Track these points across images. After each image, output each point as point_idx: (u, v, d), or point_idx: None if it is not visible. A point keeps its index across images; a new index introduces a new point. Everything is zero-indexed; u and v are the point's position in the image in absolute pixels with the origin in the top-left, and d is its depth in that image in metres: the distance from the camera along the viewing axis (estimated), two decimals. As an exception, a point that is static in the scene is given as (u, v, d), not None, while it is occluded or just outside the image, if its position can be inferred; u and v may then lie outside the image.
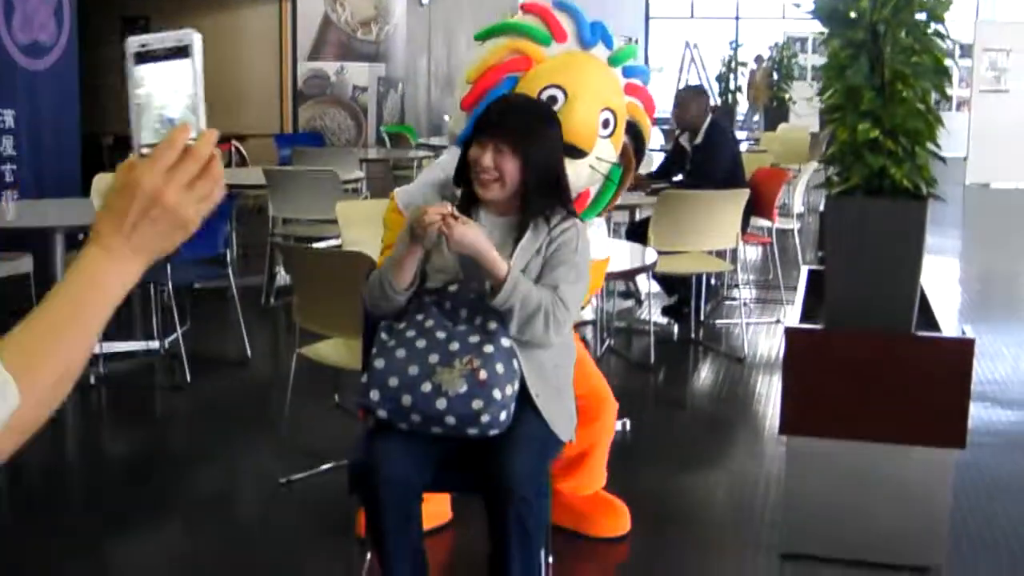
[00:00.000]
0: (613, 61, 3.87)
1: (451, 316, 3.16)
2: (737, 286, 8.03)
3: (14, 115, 8.54)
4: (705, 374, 6.78)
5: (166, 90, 1.25)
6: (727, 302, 8.19)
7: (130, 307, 7.34)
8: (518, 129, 3.22)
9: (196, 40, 1.24)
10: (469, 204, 3.30)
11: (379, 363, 3.10)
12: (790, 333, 3.87)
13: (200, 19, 13.60)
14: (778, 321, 7.67)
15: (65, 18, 9.05)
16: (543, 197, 3.26)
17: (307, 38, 13.93)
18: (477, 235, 3.09)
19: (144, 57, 1.25)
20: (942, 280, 10.04)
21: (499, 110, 3.32)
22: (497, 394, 3.03)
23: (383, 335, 3.16)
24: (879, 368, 3.79)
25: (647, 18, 32.72)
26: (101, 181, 7.49)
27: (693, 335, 7.28)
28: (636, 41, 30.37)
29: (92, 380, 6.05)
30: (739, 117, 23.71)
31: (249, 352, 6.56)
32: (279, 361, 6.70)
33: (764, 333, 7.50)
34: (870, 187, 3.88)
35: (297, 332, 4.76)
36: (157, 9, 13.40)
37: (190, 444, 5.35)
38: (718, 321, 7.83)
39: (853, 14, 3.90)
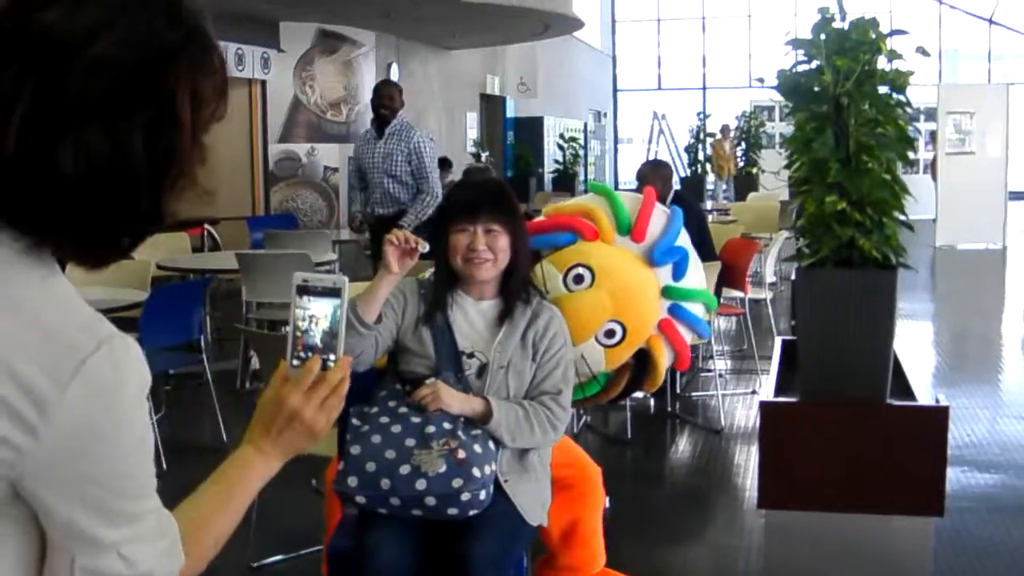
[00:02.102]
0: (667, 291, 3.78)
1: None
2: (712, 358, 8.04)
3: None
4: (683, 447, 6.77)
5: (312, 320, 1.57)
6: (703, 374, 8.20)
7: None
8: (503, 209, 3.26)
9: (346, 285, 1.58)
10: (446, 289, 3.31)
11: (355, 449, 3.09)
12: (765, 407, 3.87)
13: (170, 104, 13.68)
14: (754, 392, 7.68)
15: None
16: (524, 278, 3.30)
17: (277, 120, 14.03)
18: (450, 398, 3.13)
19: (304, 290, 1.58)
20: (915, 344, 10.09)
21: (475, 193, 3.34)
22: (476, 472, 3.03)
23: (355, 421, 3.16)
24: (854, 439, 3.79)
25: (615, 90, 33.07)
26: (75, 269, 7.43)
27: (670, 408, 7.27)
28: (605, 115, 30.67)
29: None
30: (708, 186, 23.89)
31: (225, 437, 6.51)
32: (255, 446, 6.63)
33: (740, 404, 7.50)
34: (839, 258, 3.90)
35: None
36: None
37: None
38: (694, 393, 7.84)
39: (816, 88, 3.95)
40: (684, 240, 3.83)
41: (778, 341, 4.80)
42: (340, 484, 3.08)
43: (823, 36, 3.92)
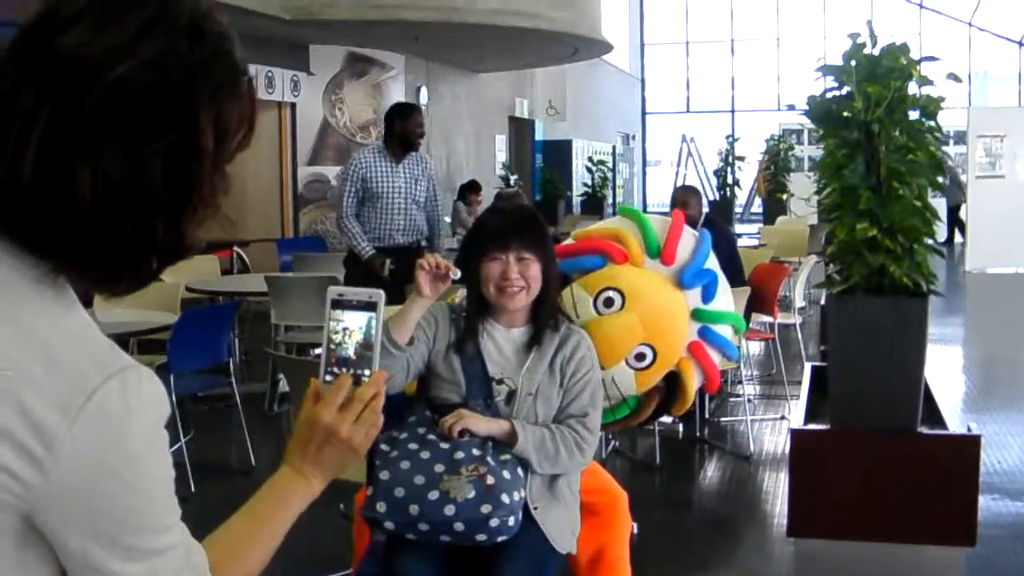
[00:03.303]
0: (697, 313, 3.75)
1: (455, 430, 3.17)
2: (740, 382, 8.01)
3: None
4: (711, 473, 6.74)
5: (347, 334, 1.56)
6: (732, 399, 8.16)
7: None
8: (536, 237, 3.26)
9: (382, 298, 1.57)
10: (477, 317, 3.31)
11: (384, 475, 3.09)
12: (795, 434, 3.85)
13: (201, 127, 13.77)
14: (783, 417, 7.64)
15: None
16: (553, 305, 3.30)
17: (307, 142, 14.09)
18: (476, 423, 3.13)
19: (339, 304, 1.57)
20: (946, 370, 10.02)
21: (507, 221, 3.34)
22: (505, 499, 3.02)
23: (384, 447, 3.16)
24: (885, 467, 3.77)
25: (643, 113, 33.09)
26: (104, 291, 7.50)
27: (699, 433, 7.24)
28: (634, 138, 30.68)
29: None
30: (737, 209, 23.87)
31: (253, 460, 6.52)
32: (283, 469, 6.64)
33: (769, 430, 7.46)
34: (870, 285, 3.89)
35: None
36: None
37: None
38: (723, 419, 7.80)
39: (847, 114, 3.94)
40: (713, 263, 3.82)
41: (807, 367, 4.78)
42: (369, 510, 3.08)
43: (854, 62, 3.91)
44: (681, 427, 7.41)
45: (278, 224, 13.83)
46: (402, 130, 7.54)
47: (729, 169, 22.14)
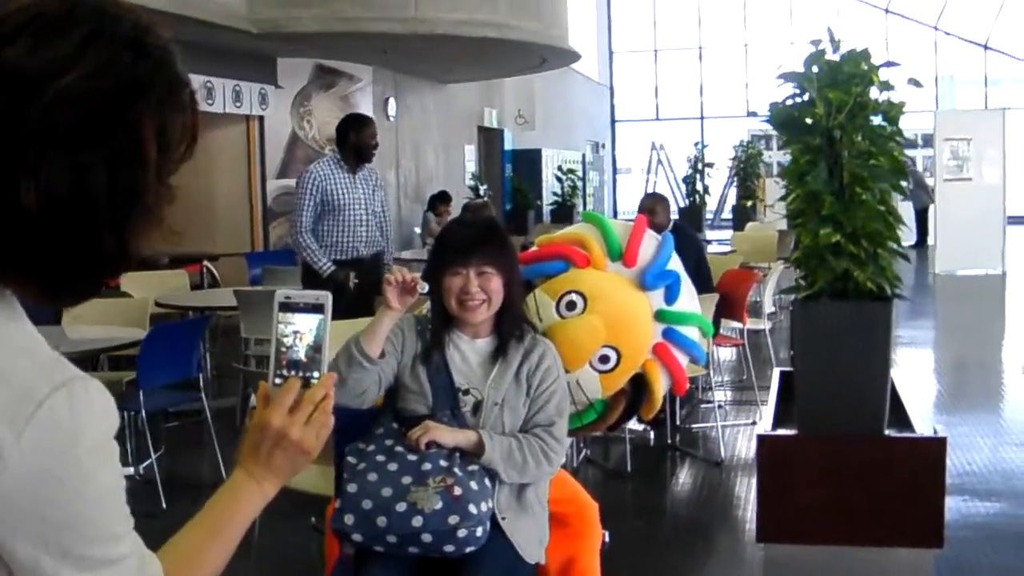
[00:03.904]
0: (660, 314, 3.72)
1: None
2: (711, 388, 8.03)
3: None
4: (683, 480, 6.75)
5: (296, 336, 1.56)
6: (703, 405, 8.18)
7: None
8: (496, 250, 3.26)
9: (328, 300, 1.57)
10: (442, 329, 3.31)
11: (351, 487, 3.08)
12: (762, 440, 3.87)
13: (169, 141, 13.70)
14: (754, 423, 7.65)
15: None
16: (517, 315, 3.30)
17: (276, 155, 14.06)
18: (442, 434, 3.13)
19: (287, 307, 1.57)
20: (915, 372, 10.08)
21: (467, 234, 3.34)
22: (473, 509, 3.02)
23: (351, 459, 3.15)
24: (852, 471, 3.79)
25: (613, 121, 33.16)
26: (73, 308, 7.45)
27: (670, 440, 7.25)
28: (603, 146, 30.74)
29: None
30: (709, 216, 23.96)
31: (224, 474, 6.47)
32: (255, 483, 6.63)
33: (741, 435, 7.48)
34: (835, 290, 3.91)
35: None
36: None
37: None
38: (694, 425, 7.82)
39: (809, 120, 3.96)
40: (676, 264, 3.82)
41: (776, 372, 4.80)
42: (336, 522, 3.07)
43: (815, 68, 3.94)
44: (652, 434, 7.43)
45: (248, 237, 13.79)
46: (357, 142, 7.41)
47: (698, 176, 22.21)
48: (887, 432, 3.88)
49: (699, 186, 22.19)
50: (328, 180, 7.28)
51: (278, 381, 1.55)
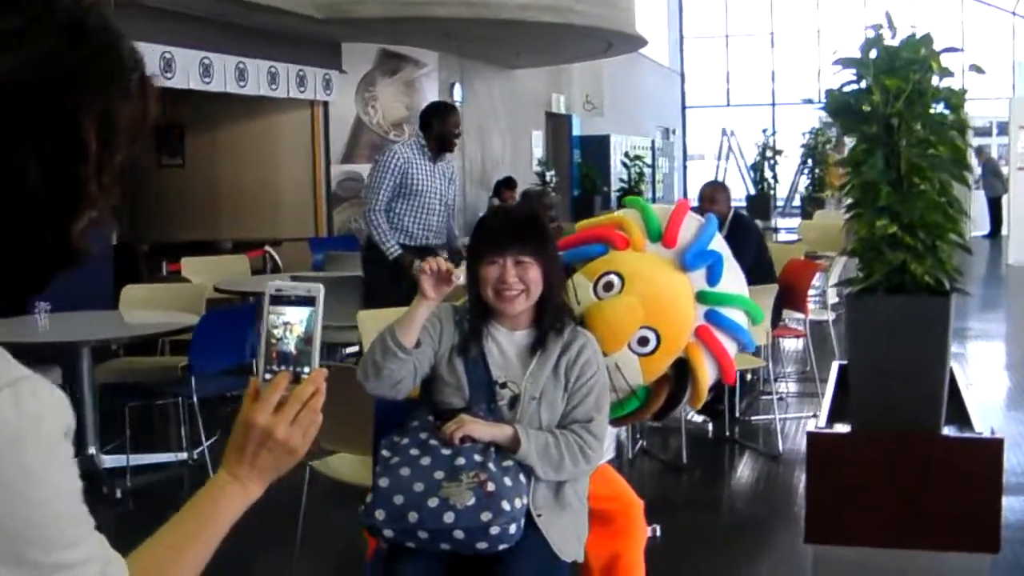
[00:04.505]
0: (702, 295, 3.64)
1: (456, 435, 3.10)
2: (771, 380, 7.89)
3: (45, 228, 8.60)
4: (740, 473, 6.63)
5: (287, 328, 1.51)
6: (763, 397, 8.04)
7: (158, 418, 7.31)
8: (534, 239, 3.18)
9: (321, 292, 1.53)
10: (480, 320, 3.24)
11: (383, 481, 3.03)
12: (813, 437, 3.75)
13: (234, 126, 13.76)
14: (815, 416, 7.50)
15: (96, 131, 9.13)
16: (557, 307, 3.22)
17: (340, 141, 14.05)
18: (478, 428, 3.06)
19: (278, 299, 1.52)
20: (984, 367, 9.84)
21: (504, 224, 3.27)
22: (506, 505, 2.95)
23: (385, 452, 3.10)
24: (906, 471, 3.66)
25: (683, 107, 32.92)
26: (129, 293, 7.51)
27: (728, 432, 7.13)
28: (674, 132, 30.52)
29: (119, 494, 6.01)
30: (779, 203, 23.71)
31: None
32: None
33: (800, 428, 7.34)
34: (891, 283, 3.78)
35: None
36: (191, 118, 13.56)
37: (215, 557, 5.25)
38: (754, 417, 7.68)
39: (866, 108, 3.83)
40: (719, 245, 3.71)
41: (835, 365, 4.67)
42: (368, 517, 3.02)
43: (873, 54, 3.80)
44: (711, 426, 7.32)
45: (311, 223, 13.80)
46: (440, 130, 7.26)
47: (766, 163, 21.94)
48: (944, 431, 3.74)
49: (767, 173, 21.91)
50: (410, 163, 7.15)
51: (268, 376, 1.49)
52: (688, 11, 32.47)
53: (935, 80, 3.82)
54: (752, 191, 22.39)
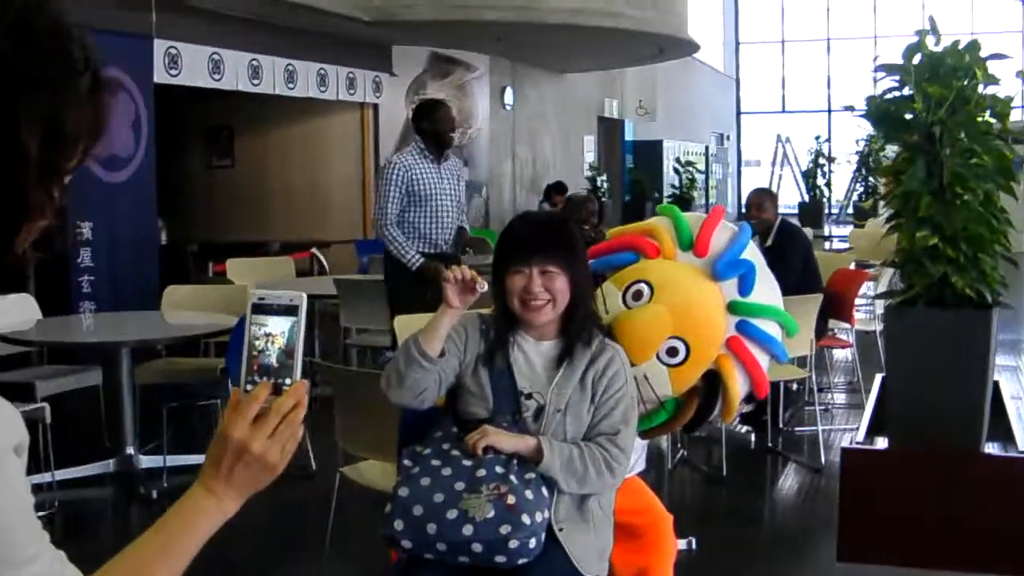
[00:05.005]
0: (733, 306, 3.54)
1: (478, 445, 3.04)
2: (817, 391, 7.77)
3: (91, 227, 8.66)
4: (781, 486, 6.52)
5: (269, 339, 1.46)
6: (808, 408, 7.92)
7: (197, 420, 7.31)
8: (561, 247, 3.11)
9: (303, 302, 1.48)
10: (506, 330, 3.18)
11: (403, 491, 2.97)
12: (846, 453, 3.66)
13: (282, 127, 13.80)
14: (857, 429, 7.38)
15: (143, 131, 9.19)
16: (585, 318, 3.15)
17: (389, 143, 14.05)
18: (501, 439, 3.00)
19: (260, 308, 1.48)
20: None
21: (530, 231, 3.20)
22: (526, 519, 2.88)
23: (407, 461, 3.05)
24: (944, 490, 3.55)
25: (738, 113, 32.73)
26: (173, 293, 7.53)
27: (771, 443, 7.02)
28: (728, 138, 30.33)
29: (155, 495, 6.01)
30: (834, 209, 23.52)
31: (314, 465, 6.44)
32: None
33: (845, 440, 7.22)
34: (931, 296, 3.68)
35: (340, 450, 4.66)
36: (240, 118, 13.60)
37: (246, 560, 5.23)
38: (798, 428, 7.56)
39: (907, 116, 3.73)
40: (752, 254, 3.63)
41: (878, 378, 4.57)
42: (387, 528, 2.96)
43: (916, 59, 3.71)
44: (753, 436, 7.22)
45: (360, 225, 13.81)
46: (433, 129, 7.09)
47: (819, 170, 21.74)
48: (986, 448, 3.64)
49: (820, 180, 21.71)
50: (413, 170, 7.00)
51: (249, 387, 1.45)
52: (744, 16, 32.27)
53: (980, 87, 3.72)
54: (806, 198, 22.19)
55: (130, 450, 6.47)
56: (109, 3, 8.91)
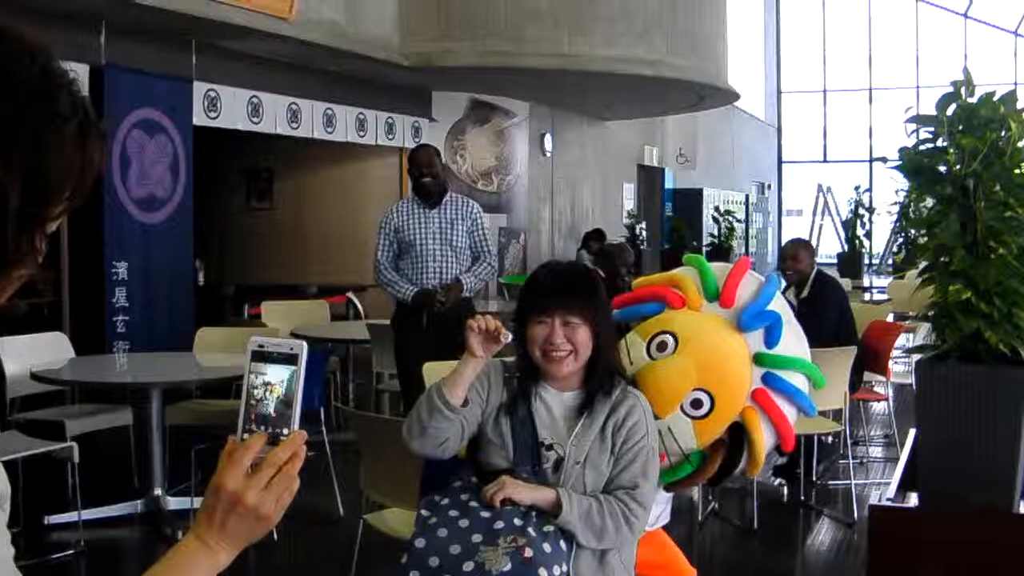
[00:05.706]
0: (759, 358, 3.50)
1: (497, 497, 2.99)
2: (851, 444, 7.66)
3: (127, 267, 8.70)
4: (812, 540, 6.41)
5: (267, 389, 1.43)
6: (842, 461, 7.81)
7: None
8: (584, 299, 3.08)
9: (304, 350, 1.44)
10: (529, 380, 3.15)
11: (419, 542, 2.93)
12: (875, 511, 3.58)
13: (320, 170, 13.85)
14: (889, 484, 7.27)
15: (181, 172, 9.25)
16: (606, 368, 3.11)
17: (428, 189, 14.06)
18: (519, 491, 2.96)
19: (260, 356, 1.44)
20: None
21: (553, 281, 3.17)
22: (543, 572, 2.84)
23: (424, 512, 3.01)
24: (975, 551, 3.47)
25: (780, 162, 32.61)
26: (205, 335, 7.55)
27: (804, 497, 6.92)
28: (770, 187, 30.22)
29: (180, 536, 5.97)
30: (874, 260, 23.36)
31: (341, 511, 6.41)
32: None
33: (879, 495, 7.10)
34: (964, 351, 3.61)
35: (365, 498, 4.62)
36: (280, 160, 13.67)
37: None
38: (832, 482, 7.45)
39: (941, 168, 3.68)
40: (779, 306, 3.57)
41: (911, 433, 4.49)
42: (402, 578, 2.92)
43: (951, 111, 3.66)
44: (786, 489, 7.11)
45: (398, 270, 13.81)
46: (410, 174, 7.21)
47: (859, 221, 21.62)
48: (1021, 509, 3.55)
49: (859, 231, 21.58)
50: (399, 218, 7.12)
51: (245, 436, 1.42)
52: (786, 65, 32.23)
53: (1017, 139, 3.67)
54: (845, 248, 22.06)
55: (158, 491, 6.46)
56: (150, 46, 9.00)
